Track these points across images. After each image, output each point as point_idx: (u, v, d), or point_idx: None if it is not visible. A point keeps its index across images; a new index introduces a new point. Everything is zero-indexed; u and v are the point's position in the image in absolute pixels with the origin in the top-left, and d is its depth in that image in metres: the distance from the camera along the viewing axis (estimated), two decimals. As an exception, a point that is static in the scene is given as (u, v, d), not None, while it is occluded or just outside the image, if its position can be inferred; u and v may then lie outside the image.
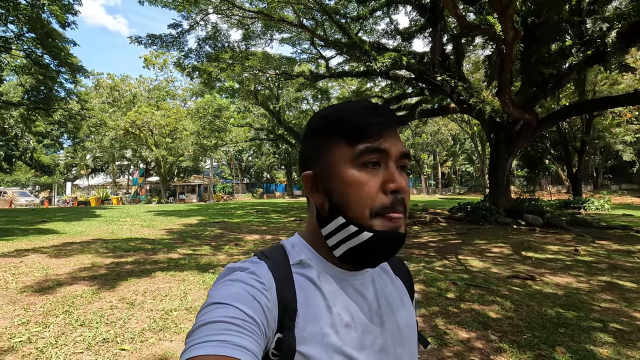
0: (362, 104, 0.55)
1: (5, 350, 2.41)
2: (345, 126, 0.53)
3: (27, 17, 13.32)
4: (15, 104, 16.73)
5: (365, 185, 0.51)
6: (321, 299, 0.53)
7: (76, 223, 9.67)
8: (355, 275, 0.57)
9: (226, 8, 12.93)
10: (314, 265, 0.56)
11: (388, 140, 0.52)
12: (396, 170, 0.52)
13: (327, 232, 0.54)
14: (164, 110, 26.68)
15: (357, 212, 0.51)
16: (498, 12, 6.45)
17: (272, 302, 0.48)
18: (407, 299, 0.64)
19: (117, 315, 3.08)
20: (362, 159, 0.52)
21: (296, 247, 0.59)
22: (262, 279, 0.50)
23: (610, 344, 2.79)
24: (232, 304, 0.43)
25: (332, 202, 0.53)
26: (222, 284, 0.48)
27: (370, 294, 0.58)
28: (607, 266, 5.71)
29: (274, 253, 0.57)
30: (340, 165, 0.53)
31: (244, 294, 0.46)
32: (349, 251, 0.52)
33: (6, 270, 4.37)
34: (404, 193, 0.52)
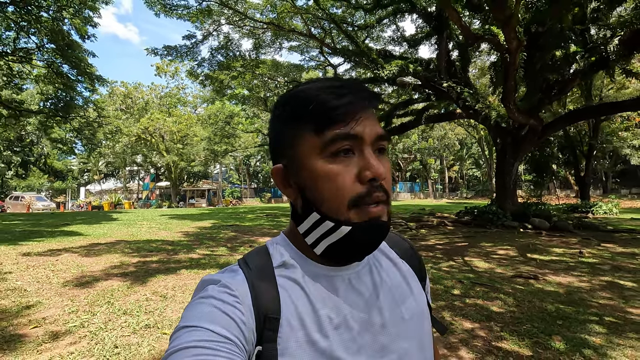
0: (328, 82, 0.50)
1: (64, 333, 2.77)
2: (310, 111, 0.48)
3: (48, 29, 13.99)
4: (35, 112, 17.43)
5: (338, 177, 0.46)
6: (307, 302, 0.49)
7: (97, 226, 10.13)
8: (346, 269, 0.53)
9: (238, 19, 13.43)
10: (297, 265, 0.52)
11: (360, 123, 0.47)
12: (372, 155, 0.47)
13: (303, 230, 0.51)
14: (176, 116, 27.39)
15: (332, 207, 0.47)
16: (501, 23, 6.75)
17: (248, 315, 0.45)
18: (415, 284, 0.59)
19: (153, 306, 3.42)
20: (331, 148, 0.47)
21: (279, 246, 0.56)
22: (234, 291, 0.47)
23: (603, 334, 3.04)
24: (202, 326, 0.41)
25: (305, 197, 0.50)
26: (194, 303, 0.46)
27: (368, 287, 0.53)
28: (609, 267, 5.90)
29: (255, 257, 0.54)
30: (310, 157, 0.48)
31: (215, 312, 0.43)
32: (330, 247, 0.49)
33: (46, 267, 4.76)
34: (383, 180, 0.47)
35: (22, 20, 14.12)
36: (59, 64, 15.25)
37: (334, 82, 0.50)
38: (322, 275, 0.52)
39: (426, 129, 34.99)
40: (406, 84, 12.46)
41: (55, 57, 15.13)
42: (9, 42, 14.96)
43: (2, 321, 2.96)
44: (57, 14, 14.00)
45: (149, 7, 12.21)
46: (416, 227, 11.00)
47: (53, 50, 14.76)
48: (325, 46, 14.53)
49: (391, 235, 0.65)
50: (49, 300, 3.50)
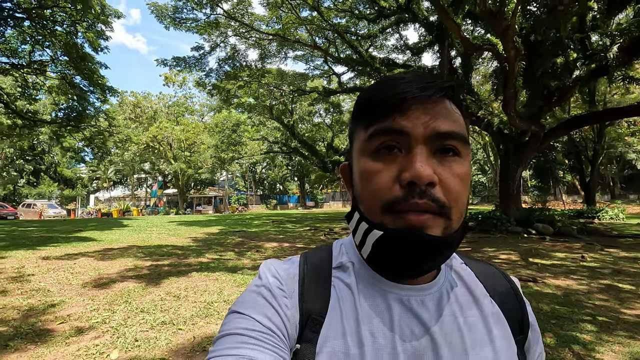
0: (399, 75, 0.45)
1: (88, 328, 3.01)
2: (362, 106, 0.47)
3: (62, 42, 14.54)
4: (49, 122, 18.00)
5: (375, 176, 0.43)
6: (353, 312, 0.45)
7: (109, 232, 10.45)
8: (409, 289, 0.47)
9: (244, 31, 13.84)
10: (355, 269, 0.49)
11: (409, 117, 0.41)
12: (422, 154, 0.41)
13: (352, 229, 0.49)
14: (183, 125, 27.95)
15: (368, 208, 0.44)
16: (499, 34, 6.97)
17: (292, 310, 0.45)
18: (501, 333, 0.47)
19: (168, 305, 3.65)
20: (373, 144, 0.44)
21: (344, 247, 0.53)
22: (283, 284, 0.47)
23: (594, 332, 3.19)
24: (249, 315, 0.42)
25: (354, 195, 0.49)
26: (249, 289, 0.47)
27: (431, 317, 0.46)
28: (610, 271, 5.99)
29: (316, 254, 0.53)
30: (359, 154, 0.46)
31: (263, 303, 0.44)
32: (371, 253, 0.45)
33: (65, 270, 5.03)
34: (426, 184, 0.40)
35: (37, 34, 14.72)
36: (72, 75, 15.82)
37: (401, 75, 0.45)
38: (377, 286, 0.47)
39: (431, 135, 35.00)
40: (409, 92, 12.68)
41: (68, 69, 15.70)
42: (25, 54, 15.56)
43: (31, 318, 3.21)
44: (71, 28, 14.58)
45: (159, 21, 12.68)
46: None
47: (66, 62, 15.32)
48: (329, 56, 14.88)
49: (487, 268, 0.56)
50: (71, 300, 3.75)
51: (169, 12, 12.66)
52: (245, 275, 5.09)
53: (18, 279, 4.49)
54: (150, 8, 12.43)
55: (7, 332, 2.87)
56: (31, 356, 2.50)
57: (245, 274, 5.17)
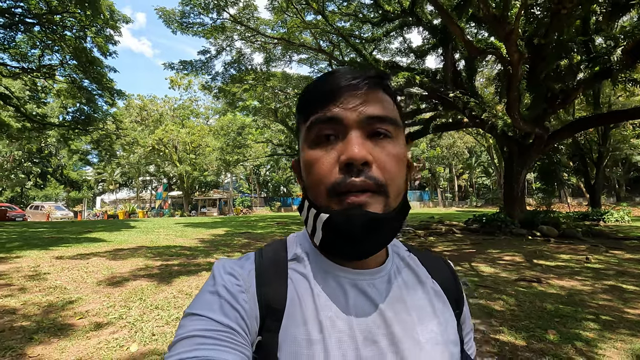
0: (334, 70, 0.49)
1: (107, 323, 3.13)
2: (300, 101, 0.49)
3: (71, 47, 14.81)
4: (57, 125, 18.30)
5: (316, 164, 0.45)
6: (311, 300, 0.47)
7: (117, 233, 10.62)
8: (360, 274, 0.50)
9: (250, 35, 14.03)
10: (309, 259, 0.52)
11: (341, 105, 0.45)
12: (356, 137, 0.44)
13: (303, 218, 0.51)
14: (189, 128, 28.22)
15: (314, 194, 0.47)
16: (502, 38, 7.07)
17: (251, 303, 0.46)
18: (443, 308, 0.53)
19: (180, 303, 3.77)
20: (312, 134, 0.46)
21: (298, 239, 0.56)
22: (240, 279, 0.48)
23: (597, 330, 3.26)
24: (205, 315, 0.42)
25: (303, 186, 0.51)
26: (203, 290, 0.47)
27: (382, 297, 0.49)
28: (614, 272, 6.03)
29: (271, 247, 0.55)
30: (302, 146, 0.49)
31: (219, 301, 0.44)
32: (322, 239, 0.47)
33: (79, 269, 5.18)
34: (361, 163, 0.43)
35: (47, 38, 15.00)
36: (80, 79, 16.10)
37: (336, 69, 0.48)
38: (331, 273, 0.50)
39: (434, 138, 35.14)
40: (413, 95, 12.81)
41: (76, 73, 15.97)
42: (34, 59, 15.85)
43: (51, 313, 3.34)
44: (80, 32, 14.85)
45: (167, 26, 12.90)
46: (424, 234, 11.19)
47: (75, 66, 15.59)
48: (334, 59, 15.02)
49: (429, 254, 0.62)
50: (88, 297, 3.88)
51: (177, 17, 12.88)
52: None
53: (35, 277, 4.64)
54: (158, 13, 12.66)
55: (31, 327, 3.00)
56: (55, 348, 2.63)
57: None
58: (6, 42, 14.43)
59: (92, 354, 2.55)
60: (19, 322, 3.09)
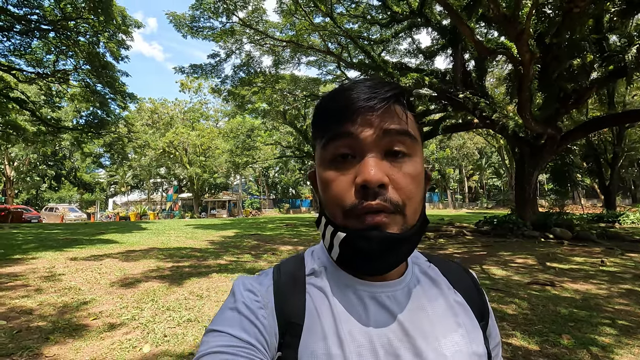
0: (349, 86, 0.47)
1: (120, 324, 3.19)
2: (316, 116, 0.49)
3: (85, 52, 15.15)
4: (71, 128, 18.71)
5: (332, 185, 0.46)
6: (330, 314, 0.47)
7: (129, 235, 10.80)
8: (380, 286, 0.49)
9: (259, 38, 14.14)
10: (327, 274, 0.52)
11: (357, 123, 0.44)
12: (372, 158, 0.44)
13: (321, 233, 0.51)
14: (199, 130, 28.55)
15: (331, 213, 0.47)
16: (513, 38, 6.98)
17: (270, 320, 0.46)
18: (467, 320, 0.52)
19: (192, 304, 3.81)
20: (328, 152, 0.46)
21: (315, 254, 0.56)
22: (258, 296, 0.48)
23: (613, 335, 3.18)
24: (226, 331, 0.43)
25: (320, 201, 0.51)
26: (223, 306, 0.48)
27: (402, 309, 0.49)
28: (631, 276, 5.88)
29: (289, 263, 0.55)
30: (319, 164, 0.49)
31: (239, 318, 0.45)
32: (340, 255, 0.47)
33: (93, 270, 5.28)
34: (376, 186, 0.43)
35: (61, 44, 15.37)
36: (94, 83, 16.45)
37: (353, 84, 0.47)
38: (350, 287, 0.50)
39: (444, 139, 34.84)
40: (422, 96, 12.74)
41: (90, 78, 16.32)
42: (49, 64, 16.24)
43: (66, 314, 3.41)
44: (93, 38, 15.18)
45: (177, 30, 13.09)
46: (434, 237, 11.09)
47: (88, 71, 15.93)
48: (342, 61, 15.03)
49: (449, 263, 0.61)
50: (102, 298, 3.95)
51: (187, 21, 13.06)
52: (263, 277, 5.21)
53: (50, 278, 4.74)
54: (169, 18, 12.86)
55: (47, 327, 3.07)
56: (71, 348, 2.68)
57: (263, 276, 5.30)
58: (22, 48, 14.84)
59: (106, 354, 2.60)
60: (36, 322, 3.17)
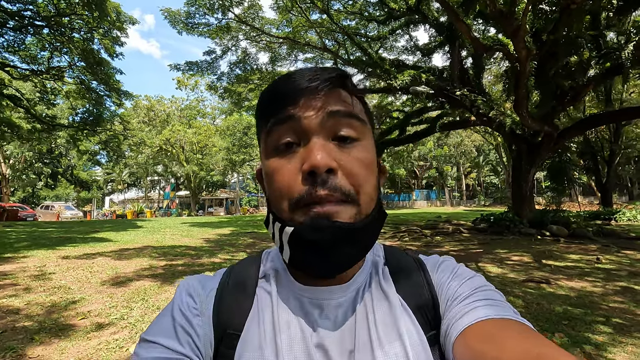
0: (292, 72, 0.44)
1: (108, 324, 3.13)
2: (259, 104, 0.46)
3: (79, 49, 15.00)
4: (67, 126, 18.57)
5: (278, 174, 0.42)
6: (270, 321, 0.44)
7: (124, 233, 10.73)
8: (327, 292, 0.46)
9: (255, 34, 14.04)
10: (275, 277, 0.49)
11: (300, 106, 0.41)
12: (318, 143, 0.40)
13: (270, 233, 0.47)
14: (195, 128, 28.41)
15: (277, 207, 0.43)
16: (509, 34, 6.93)
17: (206, 328, 0.44)
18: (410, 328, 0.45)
19: (182, 303, 3.76)
20: (273, 140, 0.43)
21: (270, 255, 0.53)
22: (196, 302, 0.46)
23: (607, 333, 3.16)
24: (158, 342, 0.41)
25: (267, 198, 0.47)
26: (162, 312, 0.46)
27: (345, 317, 0.45)
28: (626, 273, 5.88)
29: (243, 264, 0.52)
30: (263, 155, 0.46)
31: (174, 326, 0.43)
32: (291, 256, 0.43)
33: (84, 269, 5.22)
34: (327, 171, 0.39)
35: (55, 41, 15.22)
36: (89, 81, 16.31)
37: (295, 70, 0.45)
38: (294, 293, 0.47)
39: (442, 136, 34.79)
40: (419, 93, 12.68)
41: (85, 75, 16.18)
42: (44, 61, 16.09)
43: (54, 314, 3.35)
44: (87, 34, 15.03)
45: (172, 26, 12.96)
46: (431, 234, 11.08)
47: (83, 68, 15.80)
48: (339, 58, 14.94)
49: (400, 259, 0.53)
50: (91, 297, 3.90)
51: (182, 18, 12.93)
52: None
53: (40, 277, 4.68)
54: (164, 14, 12.72)
55: (33, 327, 3.01)
56: (55, 349, 2.63)
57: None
58: (16, 45, 14.68)
59: (92, 355, 2.55)
60: (22, 322, 3.11)
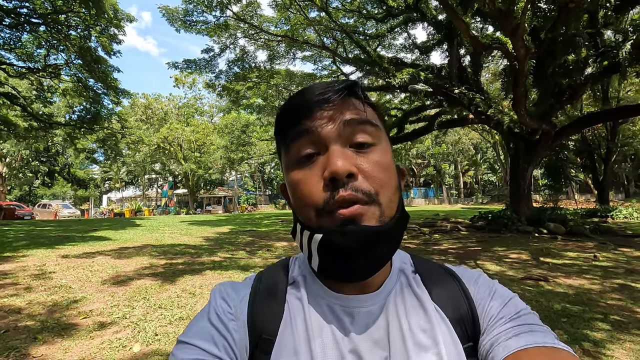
0: (305, 87, 0.46)
1: (110, 323, 3.14)
2: (276, 121, 0.48)
3: (76, 46, 14.90)
4: (63, 124, 18.47)
5: (302, 184, 0.44)
6: (303, 327, 0.45)
7: (123, 231, 10.70)
8: (356, 301, 0.47)
9: (253, 32, 13.99)
10: (305, 283, 0.50)
11: (315, 118, 0.43)
12: (336, 150, 0.42)
13: (298, 243, 0.48)
14: (193, 126, 28.33)
15: (304, 216, 0.45)
16: (508, 33, 6.95)
17: (241, 332, 0.45)
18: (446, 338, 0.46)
19: (184, 302, 3.77)
20: (293, 154, 0.45)
21: (298, 261, 0.53)
22: (231, 307, 0.46)
23: (606, 330, 3.20)
24: (195, 344, 0.42)
25: (293, 210, 0.48)
26: (198, 315, 0.47)
27: (377, 326, 0.46)
28: (624, 271, 5.94)
29: (272, 270, 0.53)
30: (285, 170, 0.47)
31: (210, 329, 0.44)
32: (320, 263, 0.45)
33: (84, 268, 5.21)
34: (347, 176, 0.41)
35: (52, 38, 15.10)
36: (85, 78, 16.21)
37: (304, 88, 0.47)
38: (325, 299, 0.48)
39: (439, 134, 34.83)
40: (418, 91, 12.69)
41: (82, 72, 16.08)
42: (40, 58, 15.97)
43: (56, 313, 3.36)
44: (84, 32, 14.92)
45: (170, 24, 12.90)
46: (429, 232, 11.12)
47: (80, 65, 15.69)
48: (338, 56, 14.92)
49: (432, 269, 0.54)
50: (92, 296, 3.90)
51: (180, 15, 12.86)
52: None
53: (40, 276, 4.67)
54: (162, 12, 12.65)
55: (35, 326, 3.02)
56: (59, 348, 2.64)
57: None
58: (12, 42, 14.56)
59: (95, 354, 2.56)
60: (24, 322, 3.11)
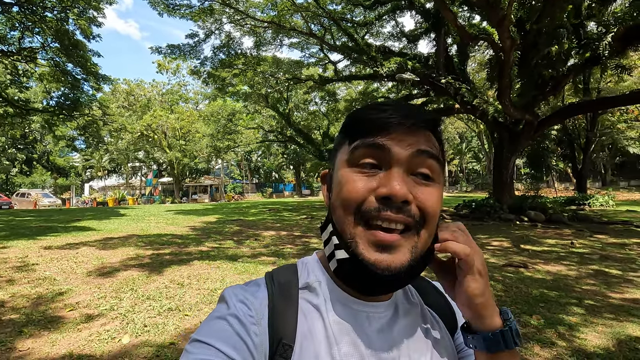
0: (389, 102, 0.49)
1: (97, 315, 3.12)
2: (351, 121, 0.49)
3: (53, 29, 14.23)
4: (41, 110, 17.76)
5: (352, 183, 0.44)
6: (323, 333, 0.46)
7: (107, 221, 10.51)
8: (374, 307, 0.49)
9: (239, 18, 13.64)
10: (322, 289, 0.50)
11: (392, 137, 0.44)
12: (399, 174, 0.43)
13: (324, 240, 0.49)
14: (178, 113, 27.70)
15: (340, 215, 0.45)
16: (495, 24, 7.01)
17: (261, 337, 0.44)
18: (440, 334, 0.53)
19: (172, 293, 3.77)
20: (355, 158, 0.45)
21: (308, 266, 0.54)
22: (252, 310, 0.46)
23: (580, 314, 3.37)
24: (214, 345, 0.41)
25: (329, 205, 0.50)
26: (213, 316, 0.46)
27: (393, 332, 0.48)
28: (598, 257, 6.21)
29: (282, 274, 0.52)
30: (341, 165, 0.48)
31: (229, 331, 0.43)
32: (337, 270, 0.46)
33: (68, 259, 5.12)
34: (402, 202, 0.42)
35: (26, 20, 14.37)
36: (63, 63, 15.55)
37: (391, 101, 0.49)
38: (346, 305, 0.48)
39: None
40: (405, 80, 12.72)
41: (59, 57, 15.41)
42: (14, 41, 15.20)
43: (41, 305, 3.31)
44: (61, 14, 14.23)
45: (152, 7, 12.45)
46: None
47: (57, 49, 15.02)
48: (325, 43, 14.75)
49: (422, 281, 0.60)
50: (78, 288, 3.85)
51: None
52: (246, 264, 5.21)
53: (23, 269, 4.58)
54: (143, -6, 12.17)
55: (20, 320, 2.97)
56: (46, 342, 2.61)
57: (245, 263, 5.29)
58: (-18, 24, 13.80)
59: (84, 346, 2.55)
60: (8, 315, 3.06)
